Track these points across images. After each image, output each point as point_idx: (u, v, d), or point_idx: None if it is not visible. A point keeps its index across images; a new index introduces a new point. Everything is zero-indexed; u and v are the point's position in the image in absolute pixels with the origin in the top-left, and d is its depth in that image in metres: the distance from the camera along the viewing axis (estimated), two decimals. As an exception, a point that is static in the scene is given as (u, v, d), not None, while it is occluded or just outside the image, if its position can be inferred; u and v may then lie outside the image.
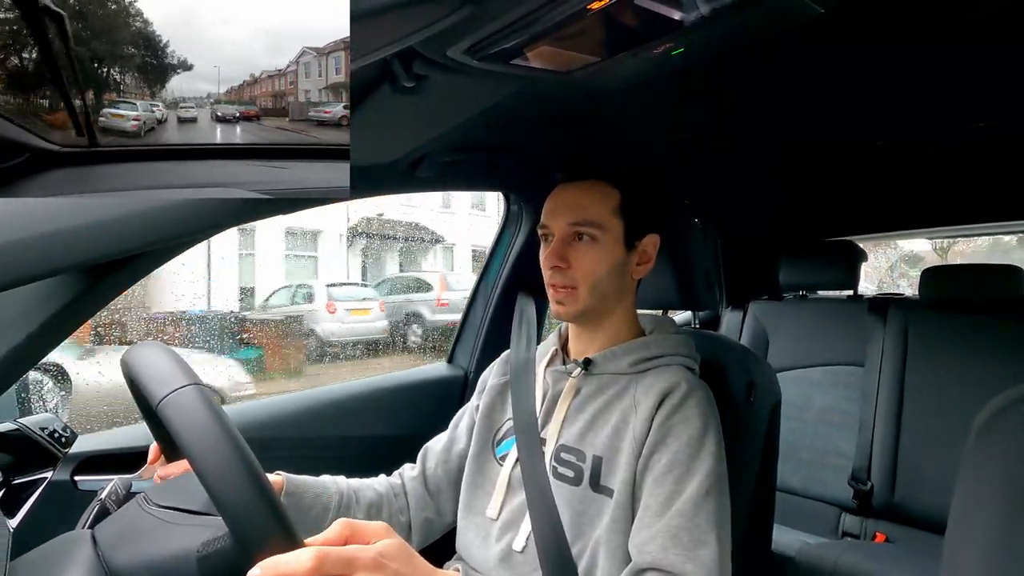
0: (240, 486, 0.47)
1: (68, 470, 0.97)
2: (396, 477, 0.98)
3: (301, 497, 0.83)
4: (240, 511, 0.46)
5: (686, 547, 0.70)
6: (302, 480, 0.85)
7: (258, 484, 0.48)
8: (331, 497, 0.86)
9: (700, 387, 0.82)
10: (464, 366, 1.49)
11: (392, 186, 1.13)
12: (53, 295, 0.67)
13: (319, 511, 0.84)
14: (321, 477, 0.89)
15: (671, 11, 0.59)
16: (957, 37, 0.77)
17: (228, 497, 0.47)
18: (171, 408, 0.50)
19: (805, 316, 1.88)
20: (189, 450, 0.48)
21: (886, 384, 1.64)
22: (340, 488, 0.88)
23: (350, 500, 0.88)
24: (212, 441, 0.48)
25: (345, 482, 0.90)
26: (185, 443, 0.48)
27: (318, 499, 0.84)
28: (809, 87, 0.97)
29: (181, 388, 0.51)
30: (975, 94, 1.01)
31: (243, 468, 0.48)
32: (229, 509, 0.47)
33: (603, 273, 0.85)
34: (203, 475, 0.47)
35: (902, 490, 1.56)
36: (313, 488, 0.85)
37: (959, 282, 1.63)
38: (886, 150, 1.37)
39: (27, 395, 0.88)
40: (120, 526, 0.61)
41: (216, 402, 0.51)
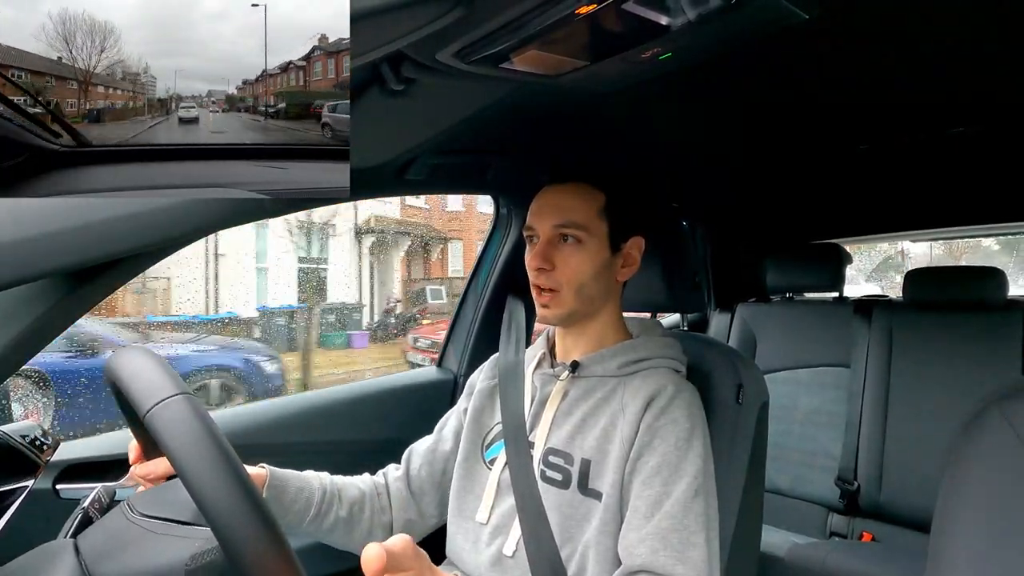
0: (233, 501, 0.46)
1: (50, 478, 0.96)
2: (380, 476, 0.98)
3: (284, 491, 0.83)
4: (232, 527, 0.46)
5: (676, 549, 0.71)
6: (285, 474, 0.85)
7: (251, 499, 0.47)
8: (314, 492, 0.86)
9: (687, 389, 0.82)
10: (454, 369, 1.48)
11: (381, 189, 1.13)
12: (36, 299, 0.66)
13: (301, 505, 0.84)
14: (305, 472, 0.89)
15: (659, 16, 0.60)
16: (940, 42, 0.78)
17: (220, 512, 0.46)
18: (159, 420, 0.49)
19: (792, 318, 1.90)
20: (179, 463, 0.47)
21: (871, 385, 1.66)
22: (323, 484, 0.89)
23: (333, 496, 0.88)
24: (203, 454, 0.47)
25: (329, 478, 0.91)
26: (174, 456, 0.47)
27: (300, 493, 0.85)
28: (795, 91, 0.98)
29: (170, 398, 0.50)
30: (958, 98, 1.03)
31: (235, 483, 0.47)
32: (221, 524, 0.46)
33: (588, 275, 0.85)
34: (194, 489, 0.46)
35: (888, 490, 1.58)
36: (296, 483, 0.85)
37: (943, 284, 1.65)
38: (870, 153, 1.39)
39: (7, 402, 0.86)
40: (104, 536, 0.60)
41: (206, 413, 0.50)
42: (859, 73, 0.89)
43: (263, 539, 0.46)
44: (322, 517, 0.87)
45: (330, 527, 0.88)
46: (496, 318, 1.16)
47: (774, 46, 0.75)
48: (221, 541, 0.46)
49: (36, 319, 0.66)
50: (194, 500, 0.47)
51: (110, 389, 0.59)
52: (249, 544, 0.45)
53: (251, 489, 0.47)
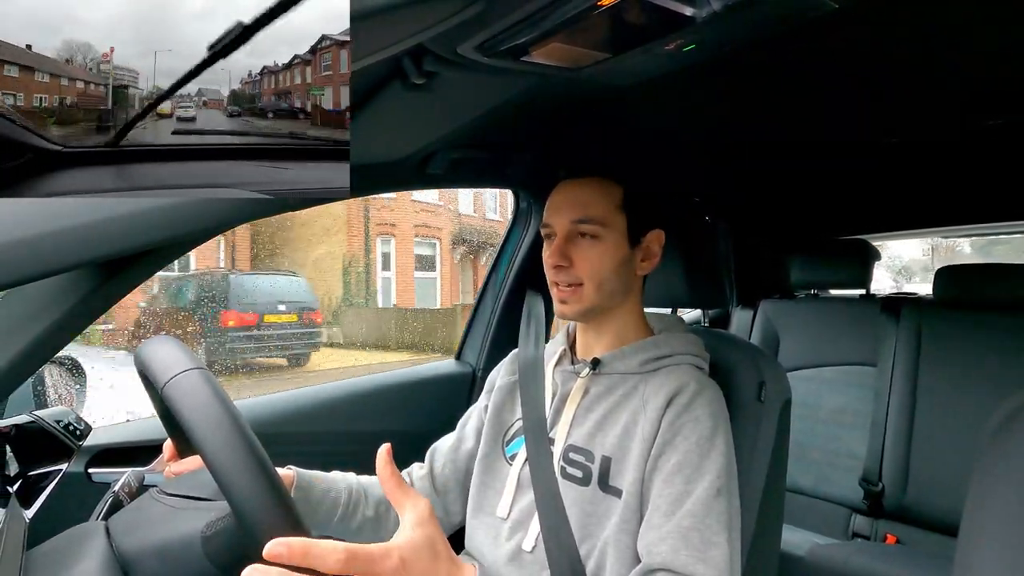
0: (241, 466, 0.48)
1: (82, 462, 0.99)
2: (404, 475, 0.98)
3: (311, 492, 0.84)
4: (242, 490, 0.48)
5: (697, 548, 0.70)
6: (312, 475, 0.85)
7: (259, 464, 0.49)
8: (340, 493, 0.86)
9: (710, 386, 0.81)
10: (472, 363, 1.49)
11: (402, 183, 1.14)
12: (69, 290, 0.68)
13: (328, 506, 0.85)
14: (332, 473, 0.89)
15: (683, 7, 0.59)
16: (974, 31, 0.76)
17: (230, 475, 0.48)
18: (174, 390, 0.52)
19: (816, 315, 1.86)
20: (191, 429, 0.50)
21: (899, 384, 1.63)
22: (350, 484, 0.89)
23: (359, 497, 0.89)
24: (214, 421, 0.50)
25: (355, 479, 0.91)
26: (187, 423, 0.50)
27: (327, 495, 0.85)
28: (823, 83, 0.96)
29: (184, 372, 0.53)
30: (994, 90, 1.00)
31: (244, 448, 0.49)
32: (231, 488, 0.48)
33: (608, 270, 0.84)
34: (205, 454, 0.49)
35: (914, 492, 1.54)
36: (323, 484, 0.85)
37: (974, 282, 1.61)
38: (900, 147, 1.36)
39: (43, 388, 0.89)
40: (132, 516, 0.62)
41: (218, 385, 0.53)
42: (889, 64, 0.86)
43: (273, 503, 0.48)
44: (349, 517, 0.87)
45: (358, 527, 0.88)
46: (515, 312, 1.16)
47: (801, 36, 0.73)
48: (233, 505, 0.49)
49: (69, 309, 0.68)
50: (206, 464, 0.49)
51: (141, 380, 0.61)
52: (259, 508, 0.47)
53: (261, 457, 0.50)
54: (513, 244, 1.46)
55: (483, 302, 1.50)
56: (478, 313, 1.51)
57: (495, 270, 1.49)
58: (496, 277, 1.48)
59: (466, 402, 1.06)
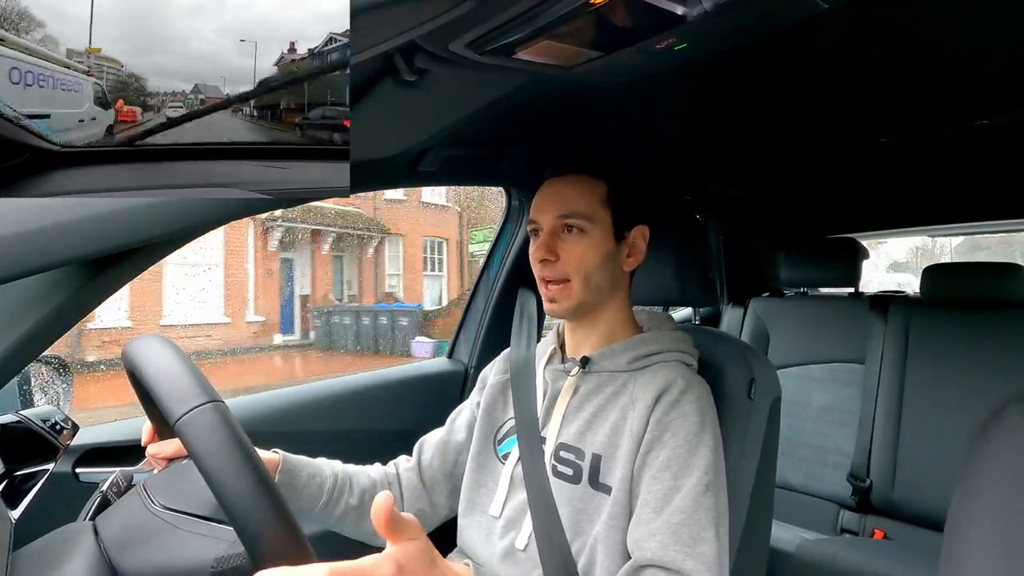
0: (263, 515, 0.47)
1: (69, 462, 0.98)
2: (391, 467, 0.99)
3: (296, 476, 0.84)
4: (263, 537, 0.47)
5: (686, 543, 0.70)
6: (298, 460, 0.86)
7: (280, 511, 0.48)
8: (325, 479, 0.87)
9: (697, 383, 0.82)
10: (464, 361, 1.49)
11: (395, 180, 1.13)
12: (55, 288, 0.67)
13: (313, 491, 0.86)
14: (317, 459, 0.90)
15: (674, 6, 0.59)
16: (964, 32, 0.77)
17: (250, 524, 0.47)
18: (191, 428, 0.49)
19: (806, 313, 1.88)
20: (209, 473, 0.48)
21: (886, 382, 1.65)
22: (335, 471, 0.90)
23: (344, 484, 0.89)
24: (233, 466, 0.48)
25: (340, 466, 0.92)
26: (205, 466, 0.48)
27: (312, 480, 0.86)
28: (813, 82, 0.96)
29: (200, 406, 0.51)
30: (983, 90, 1.01)
31: (265, 494, 0.48)
32: (251, 534, 0.47)
33: (594, 264, 0.85)
34: (224, 498, 0.48)
35: (901, 487, 1.56)
36: (308, 469, 0.86)
37: (962, 281, 1.63)
38: (889, 146, 1.37)
39: (29, 387, 0.88)
40: (124, 522, 0.61)
41: (235, 422, 0.51)
42: (880, 64, 0.87)
43: (293, 553, 0.47)
44: (333, 504, 0.88)
45: (341, 515, 0.89)
46: (507, 310, 1.16)
47: (792, 36, 0.74)
48: (250, 550, 0.48)
49: (56, 307, 0.67)
50: (223, 508, 0.48)
51: (128, 375, 0.60)
52: (279, 557, 0.46)
53: (282, 504, 0.49)
54: (505, 242, 1.46)
55: (475, 300, 1.50)
56: (470, 311, 1.50)
57: (487, 267, 1.49)
58: (488, 275, 1.48)
59: (458, 400, 1.06)
